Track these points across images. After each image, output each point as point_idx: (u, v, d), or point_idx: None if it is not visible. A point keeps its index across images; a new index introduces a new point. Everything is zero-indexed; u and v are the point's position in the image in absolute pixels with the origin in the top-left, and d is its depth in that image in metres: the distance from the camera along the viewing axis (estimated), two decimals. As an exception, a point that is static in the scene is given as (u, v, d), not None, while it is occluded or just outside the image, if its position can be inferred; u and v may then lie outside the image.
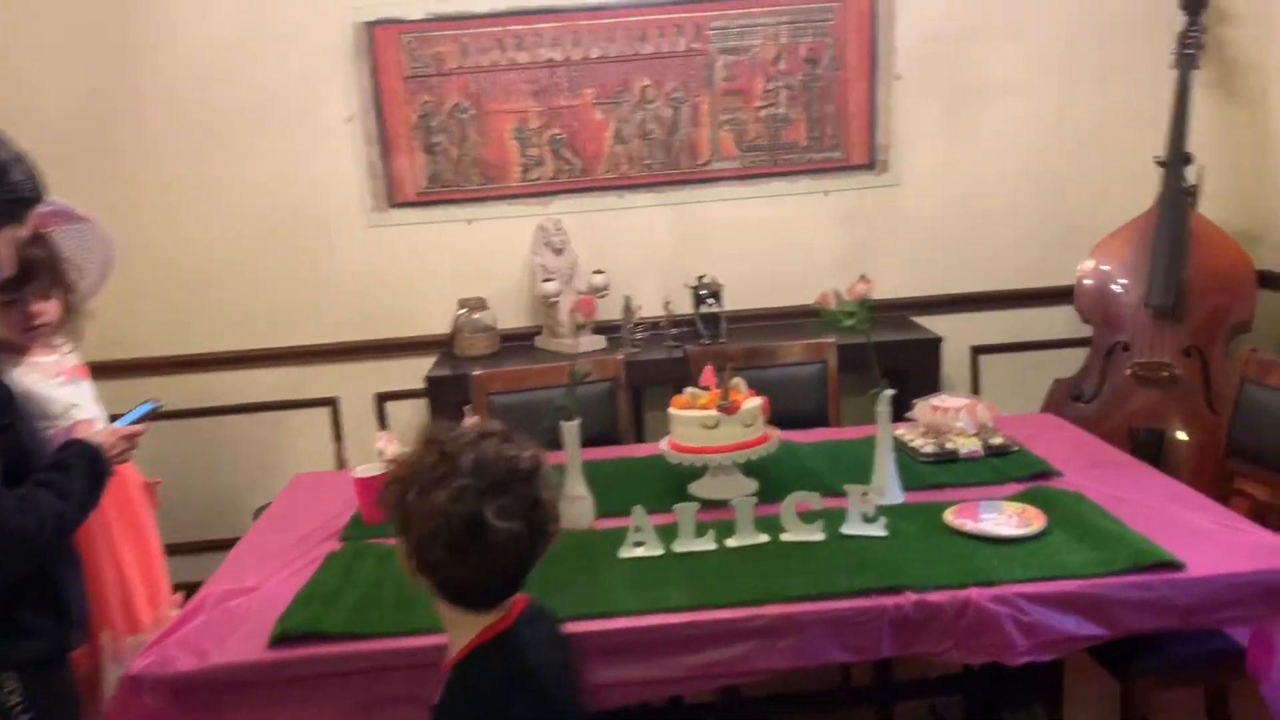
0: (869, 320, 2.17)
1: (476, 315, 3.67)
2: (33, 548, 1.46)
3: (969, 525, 2.02)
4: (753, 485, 2.34)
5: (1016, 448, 2.48)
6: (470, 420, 2.41)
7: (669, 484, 2.38)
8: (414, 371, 3.65)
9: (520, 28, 3.65)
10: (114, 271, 2.20)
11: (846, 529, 2.05)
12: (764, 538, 2.05)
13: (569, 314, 2.35)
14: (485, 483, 1.35)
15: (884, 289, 3.81)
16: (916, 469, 2.41)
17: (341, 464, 3.82)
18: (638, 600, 1.83)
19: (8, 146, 1.56)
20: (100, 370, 3.69)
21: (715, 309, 3.62)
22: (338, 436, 3.88)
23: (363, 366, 3.83)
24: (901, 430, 2.61)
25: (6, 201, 1.53)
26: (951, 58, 3.75)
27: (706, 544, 2.03)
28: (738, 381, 2.35)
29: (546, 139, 3.72)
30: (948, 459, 2.44)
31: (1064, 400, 3.53)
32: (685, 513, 2.03)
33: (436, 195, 3.74)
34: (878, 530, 2.04)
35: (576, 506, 2.17)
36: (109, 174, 3.66)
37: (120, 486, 2.12)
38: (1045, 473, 2.33)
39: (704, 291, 3.63)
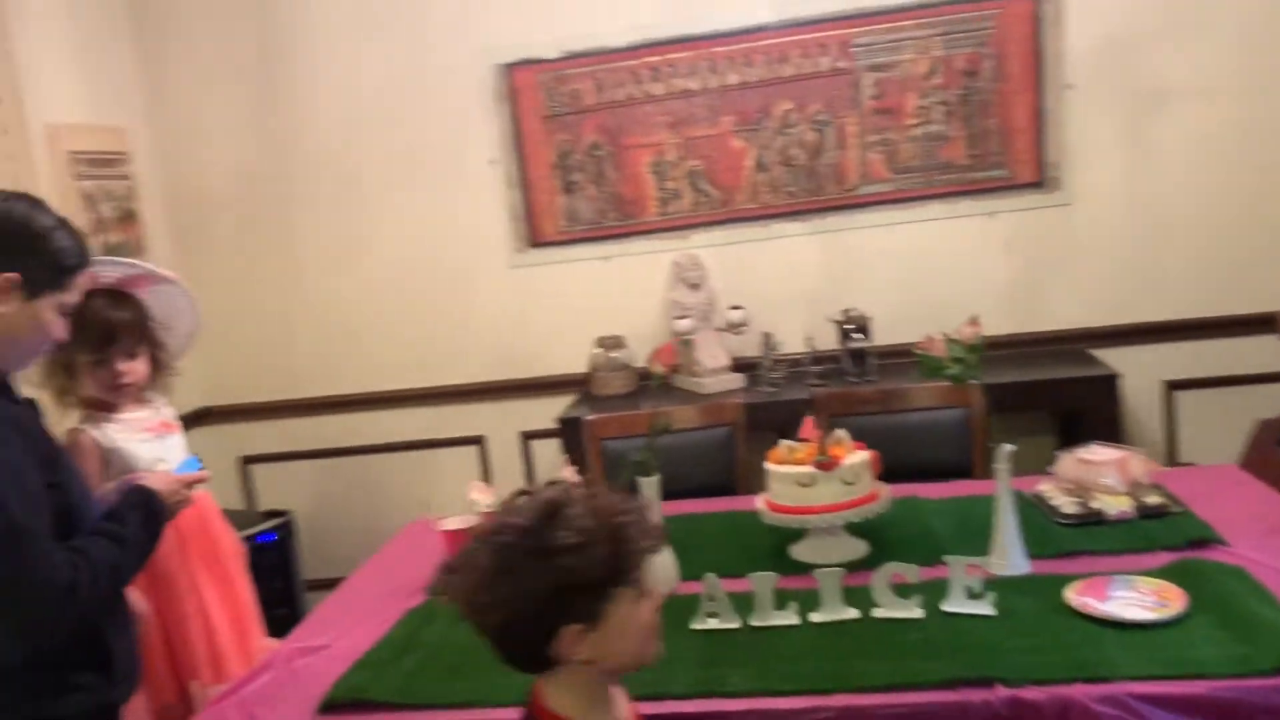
0: (977, 368, 1.93)
1: (614, 354, 3.60)
2: (89, 600, 1.47)
3: (1091, 605, 1.74)
4: (861, 549, 2.13)
5: (1178, 509, 2.15)
6: (567, 475, 2.35)
7: (769, 544, 2.20)
8: (556, 410, 3.61)
9: (655, 59, 3.57)
10: (200, 329, 2.23)
11: (948, 605, 1.82)
12: (853, 613, 1.84)
13: (650, 362, 2.20)
14: (475, 543, 1.33)
15: (1057, 319, 3.52)
16: (1053, 532, 2.13)
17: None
18: (697, 681, 1.68)
19: (50, 214, 1.59)
20: (262, 411, 3.94)
21: (863, 344, 3.40)
22: (486, 475, 3.90)
23: (508, 405, 3.84)
24: (1043, 486, 2.33)
25: (49, 268, 1.56)
26: (1130, 62, 3.38)
27: (788, 618, 1.85)
28: (840, 434, 2.15)
29: (684, 171, 3.62)
30: (1091, 521, 2.14)
31: (1269, 443, 3.08)
32: (762, 583, 1.85)
33: (575, 234, 3.71)
34: (984, 608, 1.79)
35: (656, 569, 2.03)
36: (270, 229, 3.86)
37: (210, 541, 2.16)
38: (1205, 540, 2.00)
39: (850, 326, 3.41)
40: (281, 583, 3.42)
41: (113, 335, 2.01)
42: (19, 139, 3.14)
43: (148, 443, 2.06)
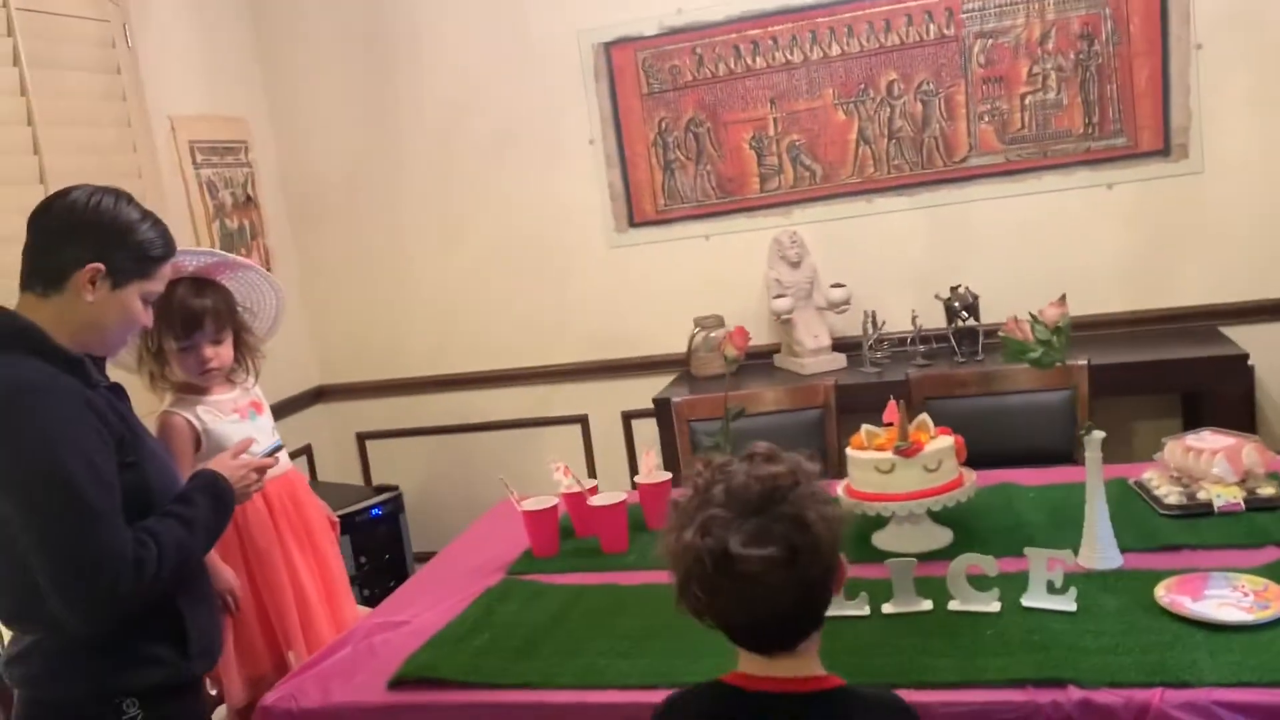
0: (1062, 350, 1.83)
1: (713, 334, 3.57)
2: (155, 578, 1.55)
3: (1182, 604, 1.64)
4: (945, 537, 2.06)
5: (1295, 501, 2.00)
6: (648, 460, 2.34)
7: (851, 531, 2.11)
8: (657, 390, 3.61)
9: (756, 32, 3.50)
10: (286, 312, 2.30)
11: (1027, 600, 1.74)
12: (926, 605, 1.78)
13: (722, 345, 2.17)
14: (735, 510, 1.23)
15: (1185, 295, 3.33)
16: (1153, 524, 2.01)
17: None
18: (758, 670, 1.65)
19: (136, 207, 1.66)
20: (375, 390, 4.06)
21: (970, 324, 3.28)
22: (589, 453, 3.94)
23: (610, 385, 3.86)
24: (1148, 473, 2.20)
25: (135, 259, 1.63)
26: (1267, 18, 3.15)
27: (858, 608, 1.80)
28: (923, 418, 2.08)
29: (785, 146, 3.55)
30: (1198, 513, 2.01)
31: None
32: (831, 571, 1.81)
33: (674, 212, 3.69)
34: (1065, 604, 1.71)
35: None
36: (380, 212, 3.96)
37: (299, 514, 2.24)
38: (1321, 536, 1.85)
39: (957, 305, 3.29)
40: (392, 555, 3.53)
41: (197, 322, 2.10)
42: (142, 130, 3.30)
43: (237, 424, 2.14)
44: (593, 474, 3.92)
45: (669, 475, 2.31)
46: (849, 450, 2.10)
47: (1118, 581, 1.79)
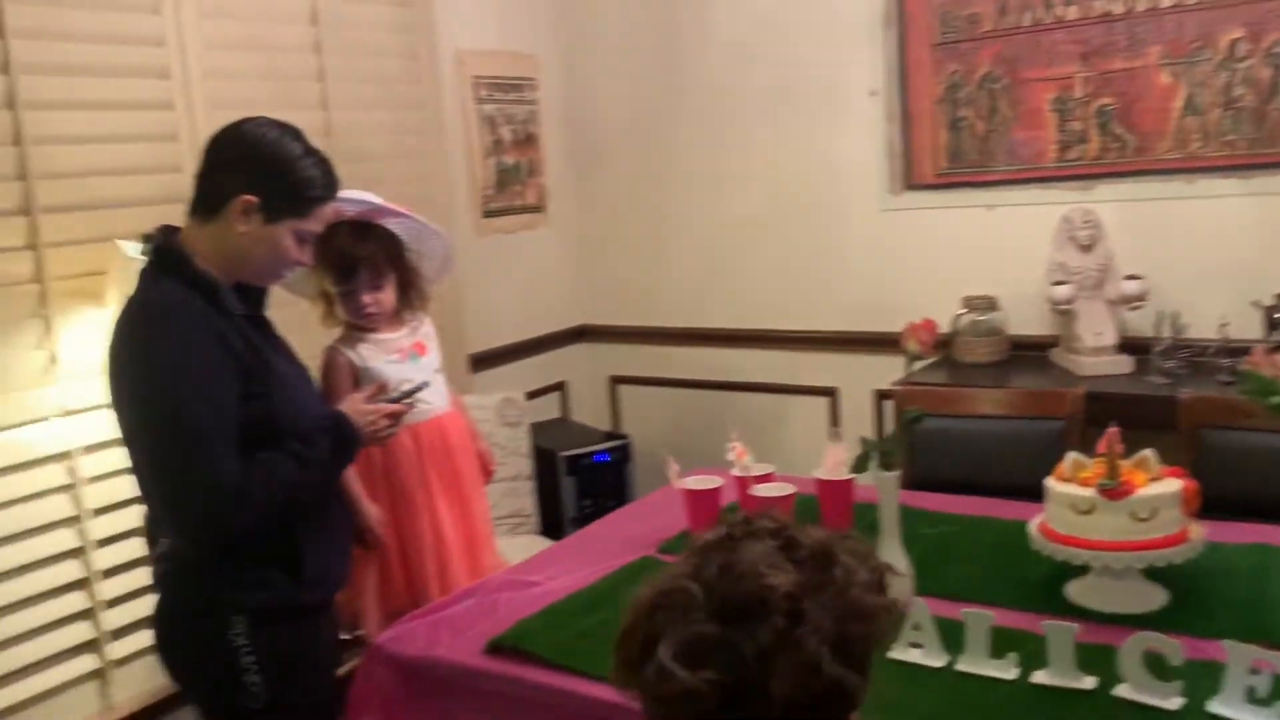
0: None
1: (983, 317, 3.20)
2: (259, 509, 1.59)
3: None
4: (1158, 599, 1.70)
5: None
6: (835, 453, 2.10)
7: (1044, 573, 1.82)
8: (911, 370, 3.30)
9: (1072, -24, 3.03)
10: (453, 255, 2.26)
11: (1217, 705, 1.38)
12: (1089, 682, 1.46)
13: (905, 337, 1.90)
14: (703, 599, 0.94)
15: None
16: None
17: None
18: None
19: (301, 143, 1.67)
20: (631, 335, 4.04)
21: (1295, 338, 2.69)
22: (835, 427, 3.70)
23: (864, 359, 3.57)
24: None
25: (290, 196, 1.65)
26: None
27: (1004, 670, 1.51)
28: (1146, 455, 1.71)
29: (1093, 110, 3.07)
30: None
31: None
32: (975, 622, 1.53)
33: (957, 177, 3.32)
34: (1265, 719, 1.34)
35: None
36: (654, 157, 3.88)
37: (449, 460, 2.22)
38: None
39: (1280, 314, 2.72)
40: (614, 503, 3.52)
41: (352, 270, 2.12)
42: (427, 64, 3.43)
43: (395, 363, 2.16)
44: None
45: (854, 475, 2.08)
46: (1047, 481, 1.78)
47: (1358, 706, 1.37)
